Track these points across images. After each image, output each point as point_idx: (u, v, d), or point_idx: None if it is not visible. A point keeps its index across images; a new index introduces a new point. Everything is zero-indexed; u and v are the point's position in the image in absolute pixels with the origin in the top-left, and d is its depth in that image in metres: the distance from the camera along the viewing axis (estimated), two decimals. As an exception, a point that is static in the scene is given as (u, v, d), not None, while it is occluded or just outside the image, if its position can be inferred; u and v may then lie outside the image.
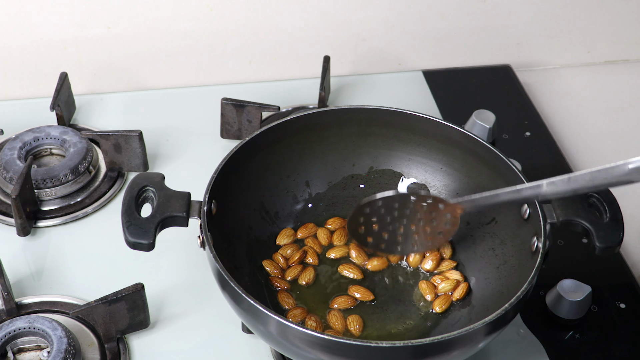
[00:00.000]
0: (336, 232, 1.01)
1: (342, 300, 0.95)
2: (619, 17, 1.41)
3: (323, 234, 1.01)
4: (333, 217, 1.03)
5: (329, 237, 1.01)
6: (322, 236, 1.01)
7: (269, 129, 0.98)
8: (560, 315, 0.97)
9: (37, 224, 1.07)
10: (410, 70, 1.38)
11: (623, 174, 0.77)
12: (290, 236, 1.01)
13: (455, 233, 0.92)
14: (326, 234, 1.01)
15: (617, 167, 0.77)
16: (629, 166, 0.76)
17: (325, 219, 1.03)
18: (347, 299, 0.95)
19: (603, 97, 1.37)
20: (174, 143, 1.20)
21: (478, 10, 1.36)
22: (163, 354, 0.94)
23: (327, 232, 1.01)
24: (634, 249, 1.09)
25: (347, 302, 0.95)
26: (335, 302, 0.95)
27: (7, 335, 0.90)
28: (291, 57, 1.35)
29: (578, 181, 0.80)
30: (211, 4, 1.28)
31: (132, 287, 0.91)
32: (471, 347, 0.82)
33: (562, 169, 1.18)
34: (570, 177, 0.80)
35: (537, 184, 0.83)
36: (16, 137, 1.13)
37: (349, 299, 0.95)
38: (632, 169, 0.76)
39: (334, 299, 0.95)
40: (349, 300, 0.95)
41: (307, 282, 0.96)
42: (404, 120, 1.01)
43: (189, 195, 0.89)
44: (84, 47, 1.28)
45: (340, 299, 0.95)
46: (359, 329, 0.92)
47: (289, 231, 1.01)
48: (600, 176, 0.79)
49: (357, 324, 0.92)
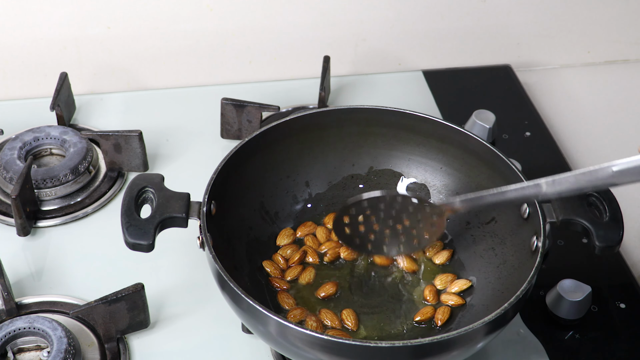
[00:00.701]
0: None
1: (327, 287, 0.95)
2: (619, 17, 1.41)
3: (322, 232, 1.01)
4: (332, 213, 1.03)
5: (328, 235, 1.01)
6: (321, 234, 1.01)
7: (269, 129, 0.98)
8: (560, 315, 0.97)
9: (37, 224, 1.07)
10: (410, 70, 1.38)
11: (607, 176, 0.77)
12: (290, 236, 1.01)
13: (441, 235, 0.91)
14: (325, 232, 1.01)
15: (601, 169, 0.77)
16: (613, 168, 0.76)
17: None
18: (331, 286, 0.95)
19: (603, 97, 1.37)
20: (174, 143, 1.20)
21: (478, 10, 1.36)
22: (163, 354, 0.94)
23: (326, 231, 1.01)
24: (634, 249, 1.09)
25: (330, 289, 0.95)
26: (321, 291, 0.95)
27: (7, 335, 0.90)
28: (291, 57, 1.35)
29: (562, 184, 0.80)
30: (211, 4, 1.28)
31: (132, 287, 0.91)
32: (471, 347, 0.82)
33: (562, 169, 1.18)
34: (554, 179, 0.80)
35: (522, 185, 0.83)
36: (16, 137, 1.13)
37: (333, 285, 0.96)
38: (616, 172, 0.76)
39: (320, 288, 0.96)
40: (333, 286, 0.95)
41: (307, 281, 0.96)
42: (404, 120, 1.01)
43: (188, 196, 0.89)
44: (84, 47, 1.28)
45: (325, 286, 0.95)
46: (355, 323, 0.92)
47: (288, 231, 1.01)
48: (584, 179, 0.78)
49: (352, 318, 0.92)
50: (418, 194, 1.00)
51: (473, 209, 0.92)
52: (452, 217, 1.02)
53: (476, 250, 0.98)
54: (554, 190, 0.81)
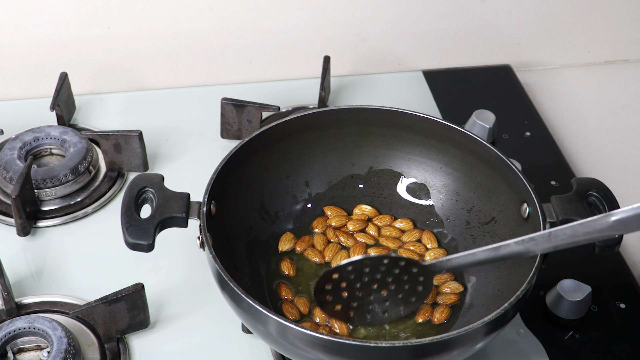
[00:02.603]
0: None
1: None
2: (619, 17, 1.41)
3: (319, 240, 1.01)
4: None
5: (325, 242, 1.01)
6: (319, 242, 1.01)
7: (269, 129, 0.98)
8: (560, 315, 0.97)
9: (37, 224, 1.07)
10: (410, 70, 1.38)
11: (606, 227, 0.74)
12: (291, 240, 1.00)
13: (428, 297, 0.89)
14: (322, 239, 1.01)
15: (599, 220, 0.74)
16: (612, 218, 0.73)
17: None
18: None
19: (603, 97, 1.37)
20: (174, 143, 1.20)
21: (478, 10, 1.36)
22: (163, 354, 0.94)
23: (324, 238, 1.01)
24: (634, 249, 1.09)
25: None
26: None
27: (7, 335, 0.90)
28: (291, 57, 1.35)
29: (559, 237, 0.77)
30: (211, 4, 1.28)
31: (132, 287, 0.91)
32: (471, 347, 0.82)
33: (562, 169, 1.18)
34: (551, 232, 0.77)
35: (518, 240, 0.79)
36: (16, 137, 1.13)
37: None
38: (615, 222, 0.73)
39: None
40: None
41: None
42: (404, 120, 1.01)
43: (188, 196, 0.89)
44: (84, 47, 1.28)
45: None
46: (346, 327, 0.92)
47: (289, 235, 1.01)
48: (582, 230, 0.75)
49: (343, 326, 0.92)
50: (403, 256, 0.89)
51: (463, 268, 0.90)
52: (452, 217, 1.02)
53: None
54: (550, 245, 0.78)
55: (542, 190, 0.93)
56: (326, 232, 1.02)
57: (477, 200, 1.00)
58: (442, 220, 1.02)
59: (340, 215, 1.03)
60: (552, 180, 1.15)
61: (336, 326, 0.91)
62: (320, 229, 1.02)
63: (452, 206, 1.02)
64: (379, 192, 1.05)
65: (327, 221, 1.03)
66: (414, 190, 1.04)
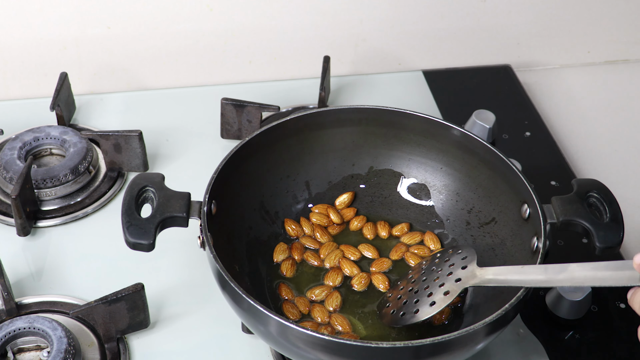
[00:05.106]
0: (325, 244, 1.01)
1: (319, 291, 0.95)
2: (619, 17, 1.41)
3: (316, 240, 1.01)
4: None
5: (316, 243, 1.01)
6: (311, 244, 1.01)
7: (269, 129, 0.98)
8: (560, 315, 0.97)
9: (37, 224, 1.07)
10: (410, 70, 1.38)
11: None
12: (285, 250, 1.00)
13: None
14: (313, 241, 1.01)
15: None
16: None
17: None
18: (323, 289, 0.95)
19: (603, 97, 1.37)
20: (174, 143, 1.20)
21: (478, 10, 1.36)
22: (163, 354, 0.94)
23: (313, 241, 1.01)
24: (634, 249, 1.09)
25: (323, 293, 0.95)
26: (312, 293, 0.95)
27: (7, 335, 0.90)
28: (291, 57, 1.35)
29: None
30: (211, 4, 1.28)
31: (132, 287, 0.91)
32: (471, 348, 0.82)
33: (562, 169, 1.18)
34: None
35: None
36: (16, 137, 1.13)
37: (325, 288, 0.95)
38: None
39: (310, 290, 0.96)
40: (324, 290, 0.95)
41: (334, 308, 0.94)
42: (404, 120, 1.01)
43: (189, 195, 0.89)
44: (84, 47, 1.28)
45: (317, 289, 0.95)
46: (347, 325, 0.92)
47: (282, 246, 1.00)
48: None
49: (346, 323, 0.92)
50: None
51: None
52: (452, 218, 1.02)
53: (476, 251, 0.98)
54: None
55: (542, 191, 0.93)
56: (314, 233, 1.02)
57: (478, 200, 1.00)
58: (443, 221, 1.02)
59: (323, 214, 1.03)
60: (552, 181, 1.15)
61: (337, 324, 0.92)
62: (309, 231, 1.02)
63: (453, 206, 1.02)
64: (379, 192, 1.05)
65: (313, 221, 1.03)
66: (415, 191, 1.04)
